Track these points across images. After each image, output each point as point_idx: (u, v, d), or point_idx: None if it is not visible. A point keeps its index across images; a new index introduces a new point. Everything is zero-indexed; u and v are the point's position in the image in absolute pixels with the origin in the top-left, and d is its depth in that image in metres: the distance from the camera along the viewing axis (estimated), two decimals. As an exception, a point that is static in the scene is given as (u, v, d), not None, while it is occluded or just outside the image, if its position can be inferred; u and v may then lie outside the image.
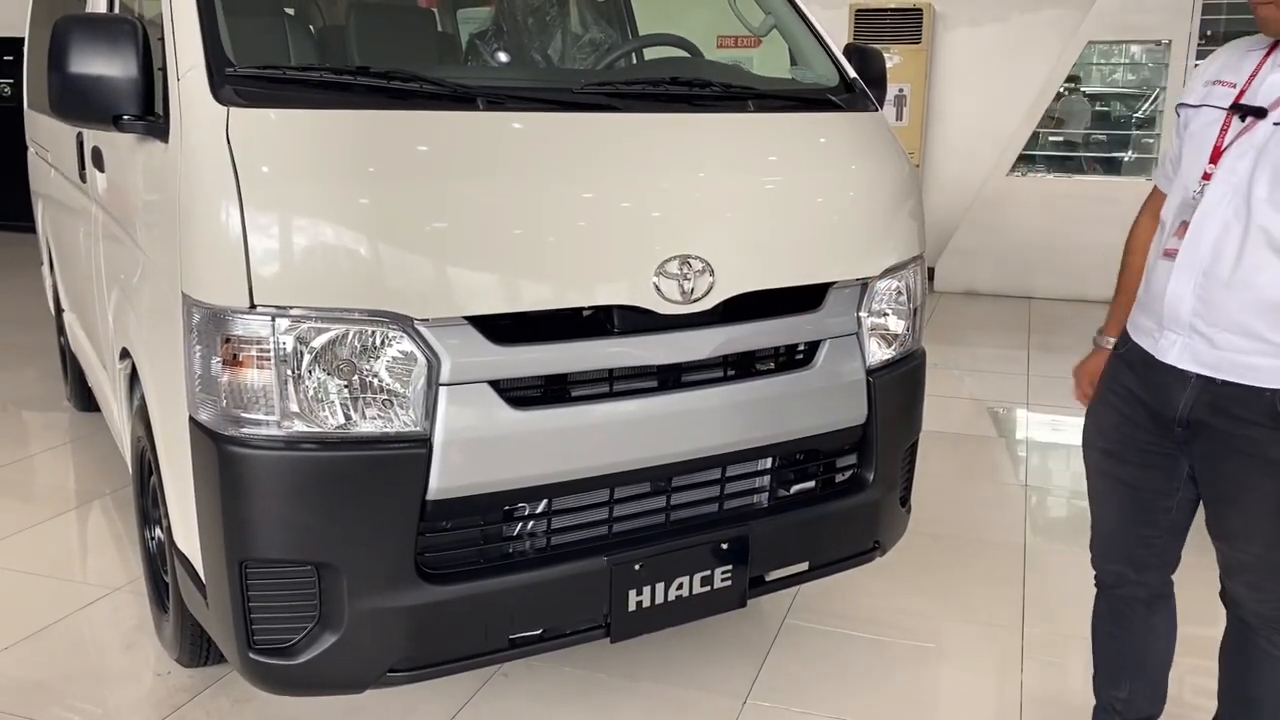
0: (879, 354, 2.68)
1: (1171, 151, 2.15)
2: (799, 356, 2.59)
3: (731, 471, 2.55)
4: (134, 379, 2.79)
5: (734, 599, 2.55)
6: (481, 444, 2.16)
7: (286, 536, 2.10)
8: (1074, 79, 8.72)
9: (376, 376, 2.08)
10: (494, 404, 2.16)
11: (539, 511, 2.34)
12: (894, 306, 2.70)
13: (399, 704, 2.73)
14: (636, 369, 2.34)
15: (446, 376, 2.11)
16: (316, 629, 2.15)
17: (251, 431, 2.07)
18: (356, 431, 2.09)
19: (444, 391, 2.11)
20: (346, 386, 2.07)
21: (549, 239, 2.22)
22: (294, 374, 2.04)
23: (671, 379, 2.39)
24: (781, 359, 2.58)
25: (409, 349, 2.08)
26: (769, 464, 2.61)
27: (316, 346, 2.05)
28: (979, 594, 3.46)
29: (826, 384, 2.57)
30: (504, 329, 2.17)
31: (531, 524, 2.35)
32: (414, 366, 2.09)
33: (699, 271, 2.31)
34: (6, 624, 3.12)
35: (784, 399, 2.52)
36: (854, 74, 2.90)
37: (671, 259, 2.29)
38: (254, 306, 2.02)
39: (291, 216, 2.03)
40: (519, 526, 2.35)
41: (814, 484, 2.71)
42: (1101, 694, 2.45)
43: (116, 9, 3.12)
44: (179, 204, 2.15)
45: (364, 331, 2.07)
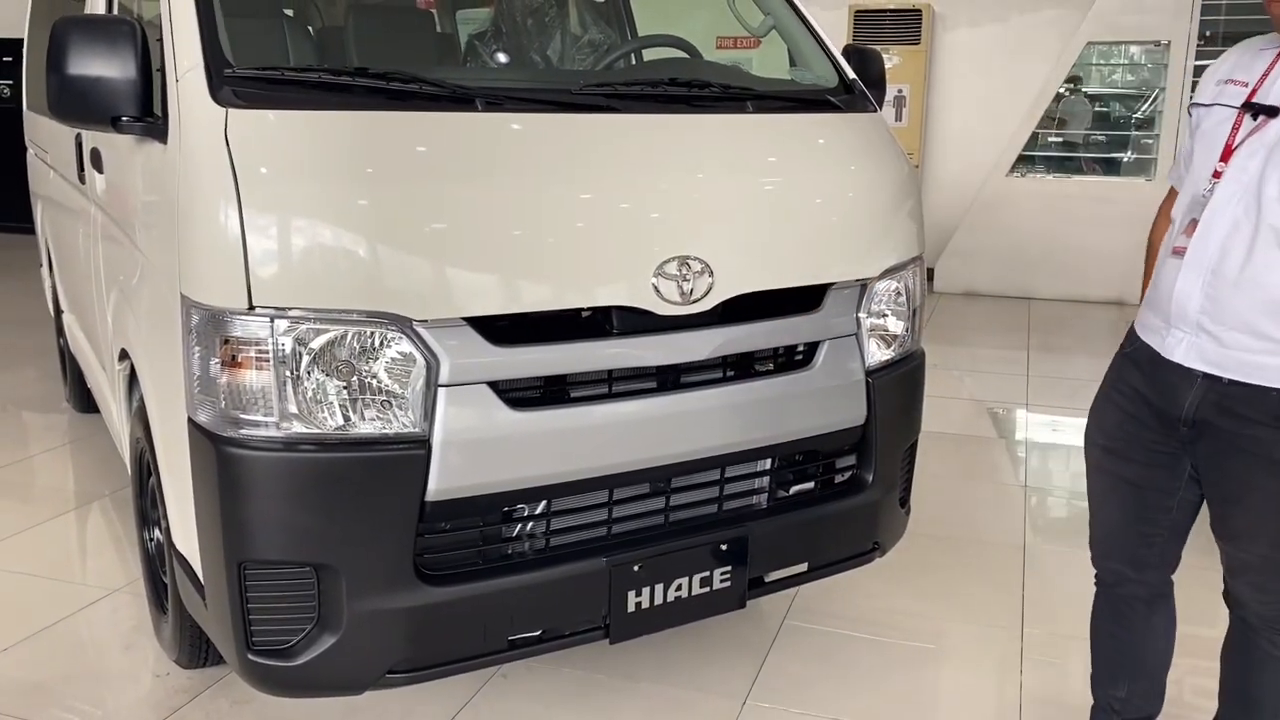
0: (878, 355, 2.68)
1: (1183, 150, 2.15)
2: (798, 357, 2.59)
3: (731, 472, 2.55)
4: (133, 380, 2.79)
5: (733, 600, 2.54)
6: (480, 445, 2.16)
7: (285, 538, 2.09)
8: (1075, 79, 8.73)
9: (375, 377, 2.08)
10: (493, 405, 2.16)
11: (538, 512, 2.34)
12: (893, 307, 2.70)
13: (398, 705, 2.72)
14: (635, 370, 2.34)
15: (445, 377, 2.11)
16: (315, 630, 2.15)
17: (250, 433, 2.07)
18: (355, 433, 2.09)
19: (443, 392, 2.11)
20: (345, 388, 2.07)
21: (548, 240, 2.22)
22: (293, 375, 2.04)
23: (670, 380, 2.39)
24: (780, 360, 2.58)
25: (408, 350, 2.08)
26: (768, 465, 2.61)
27: (315, 347, 2.04)
28: (978, 595, 3.46)
29: (826, 385, 2.57)
30: (503, 330, 2.17)
31: (530, 525, 2.35)
32: (413, 367, 2.09)
33: (698, 272, 2.31)
34: (5, 625, 3.12)
35: (783, 400, 2.52)
36: (853, 75, 2.91)
37: (670, 260, 2.29)
38: (253, 307, 2.02)
39: (290, 217, 2.03)
40: (518, 528, 2.34)
41: (813, 485, 2.71)
42: (1100, 693, 2.45)
43: (115, 10, 3.12)
44: (177, 205, 2.15)
45: (363, 332, 2.06)
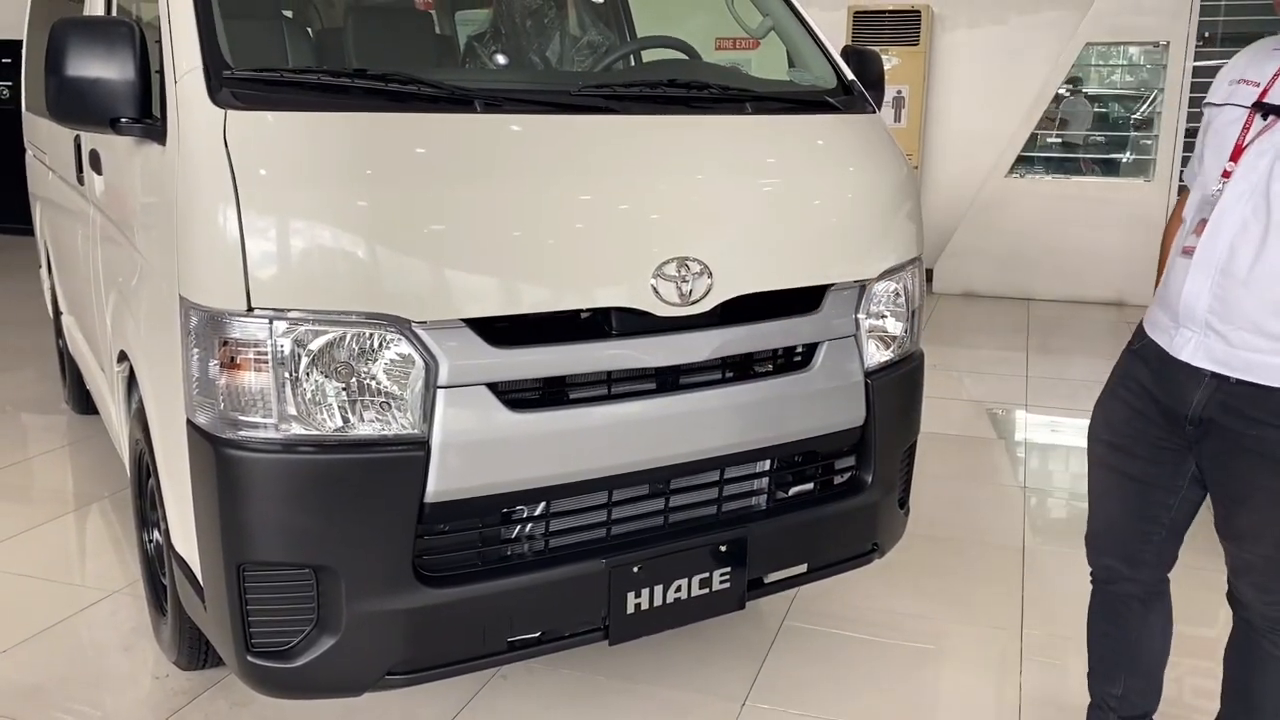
0: (877, 356, 2.68)
1: (1198, 151, 2.15)
2: (797, 358, 2.58)
3: (730, 474, 2.55)
4: (132, 382, 2.79)
5: (732, 601, 2.54)
6: (479, 446, 2.15)
7: (284, 539, 2.09)
8: (1076, 80, 8.73)
9: (374, 379, 2.08)
10: (492, 406, 2.16)
11: (537, 514, 2.34)
12: (892, 308, 2.70)
13: (397, 707, 2.72)
14: (635, 371, 2.34)
15: (444, 379, 2.11)
16: (314, 632, 2.15)
17: (249, 434, 2.06)
18: (354, 434, 2.09)
19: (442, 394, 2.11)
20: (344, 389, 2.07)
21: (547, 241, 2.21)
22: (292, 377, 2.04)
23: (670, 381, 2.39)
24: (780, 361, 2.58)
25: (407, 351, 2.08)
26: (767, 466, 2.61)
27: (314, 349, 2.04)
28: (978, 596, 3.46)
29: (825, 386, 2.57)
30: (502, 331, 2.17)
31: (530, 526, 2.35)
32: (412, 369, 2.09)
33: (697, 274, 2.31)
34: (5, 627, 3.11)
35: (782, 401, 2.52)
36: (852, 76, 2.91)
37: (669, 261, 2.29)
38: (251, 309, 2.02)
39: (289, 219, 2.03)
40: (517, 529, 2.34)
41: (812, 486, 2.71)
42: (1096, 690, 2.45)
43: (114, 12, 3.12)
44: (176, 206, 2.15)
45: (362, 334, 2.06)
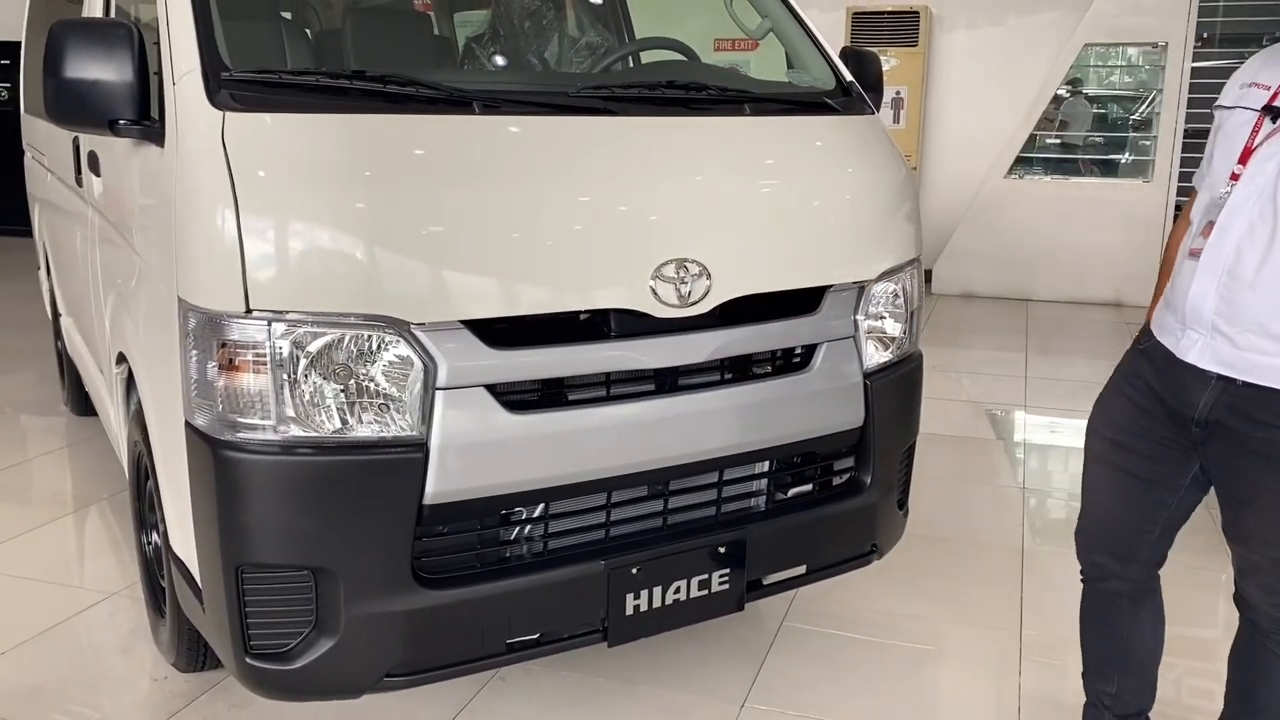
0: (876, 357, 2.68)
1: (1208, 155, 2.15)
2: (796, 360, 2.58)
3: (729, 475, 2.55)
4: (130, 383, 2.79)
5: (731, 602, 2.54)
6: (478, 448, 2.15)
7: (283, 541, 2.09)
8: (1076, 81, 8.74)
9: (373, 381, 2.08)
10: (490, 408, 2.16)
11: (536, 515, 2.34)
12: (891, 309, 2.70)
13: (396, 709, 2.72)
14: (633, 373, 2.34)
15: (443, 381, 2.10)
16: (313, 634, 2.15)
17: (247, 436, 2.06)
18: (353, 436, 2.09)
19: (440, 396, 2.11)
20: (343, 391, 2.07)
21: (545, 242, 2.21)
22: (290, 378, 2.04)
23: (669, 382, 2.39)
24: (778, 362, 2.58)
25: (405, 353, 2.08)
26: (766, 467, 2.61)
27: (312, 351, 2.04)
28: (977, 596, 3.46)
29: (824, 387, 2.57)
30: (500, 333, 2.16)
31: (528, 528, 2.35)
32: (410, 371, 2.09)
33: (696, 275, 2.31)
34: (3, 629, 3.11)
35: (781, 402, 2.51)
36: (850, 77, 2.91)
37: (668, 262, 2.29)
38: (250, 311, 2.01)
39: (287, 221, 2.03)
40: (516, 531, 2.34)
41: (811, 487, 2.71)
42: (1091, 688, 2.46)
43: (113, 13, 3.12)
44: (175, 208, 2.15)
45: (360, 336, 2.06)
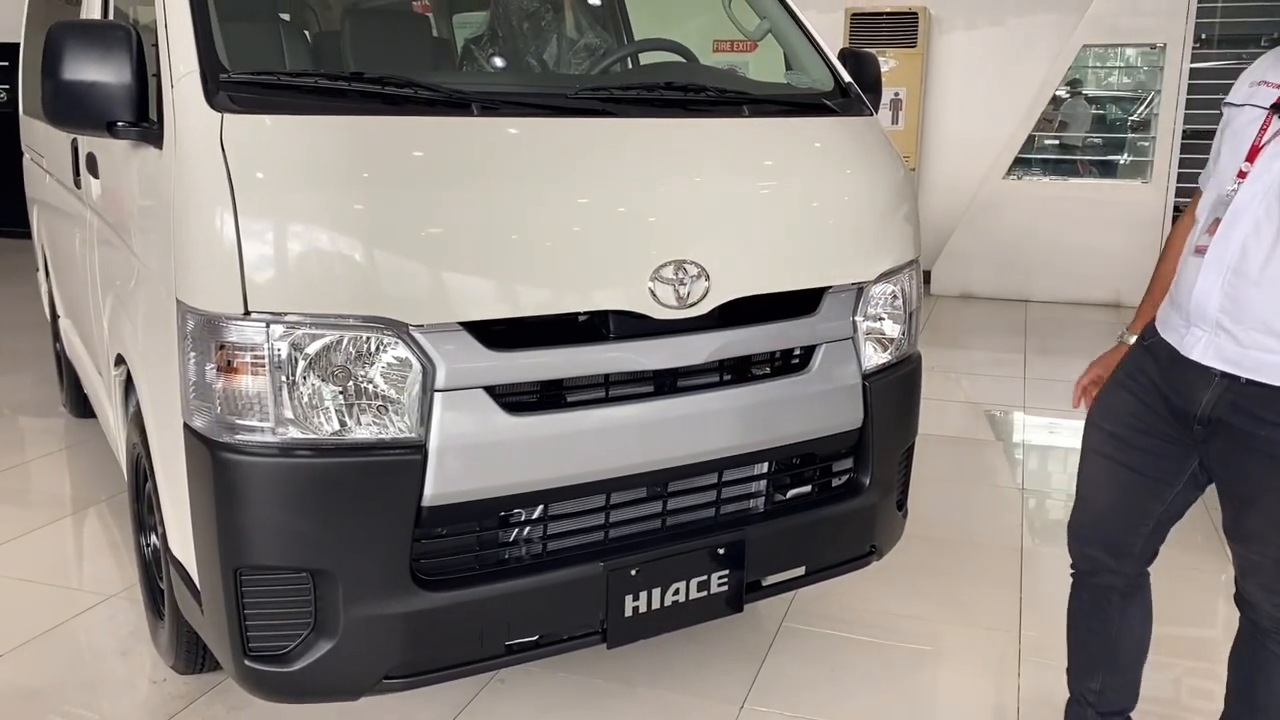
0: (875, 358, 2.68)
1: (1214, 153, 2.15)
2: (795, 361, 2.59)
3: (728, 476, 2.55)
4: (129, 385, 2.79)
5: (731, 604, 2.54)
6: (477, 450, 2.15)
7: (281, 543, 2.09)
8: (1074, 82, 8.75)
9: (371, 383, 2.08)
10: (489, 410, 2.16)
11: (535, 517, 2.34)
12: (889, 311, 2.70)
13: (395, 711, 2.72)
14: (632, 374, 2.34)
15: (441, 382, 2.10)
16: (311, 636, 2.15)
17: (246, 438, 2.06)
18: (351, 438, 2.09)
19: (439, 397, 2.11)
20: (341, 393, 2.07)
21: (544, 244, 2.21)
22: (288, 380, 2.04)
23: (667, 384, 2.39)
24: (777, 364, 2.58)
25: (404, 355, 2.08)
26: (765, 469, 2.61)
27: (311, 353, 2.04)
28: (976, 597, 3.45)
29: (822, 388, 2.57)
30: (499, 334, 2.16)
31: (527, 530, 2.35)
32: (409, 372, 2.09)
33: (694, 276, 2.31)
34: (2, 631, 3.11)
35: (780, 404, 2.51)
36: (849, 78, 2.91)
37: (667, 264, 2.29)
38: (248, 313, 2.01)
39: (286, 223, 2.03)
40: (515, 532, 2.34)
41: (810, 489, 2.71)
42: (1075, 685, 2.46)
43: (111, 15, 3.12)
44: (173, 210, 2.15)
45: (359, 338, 2.06)
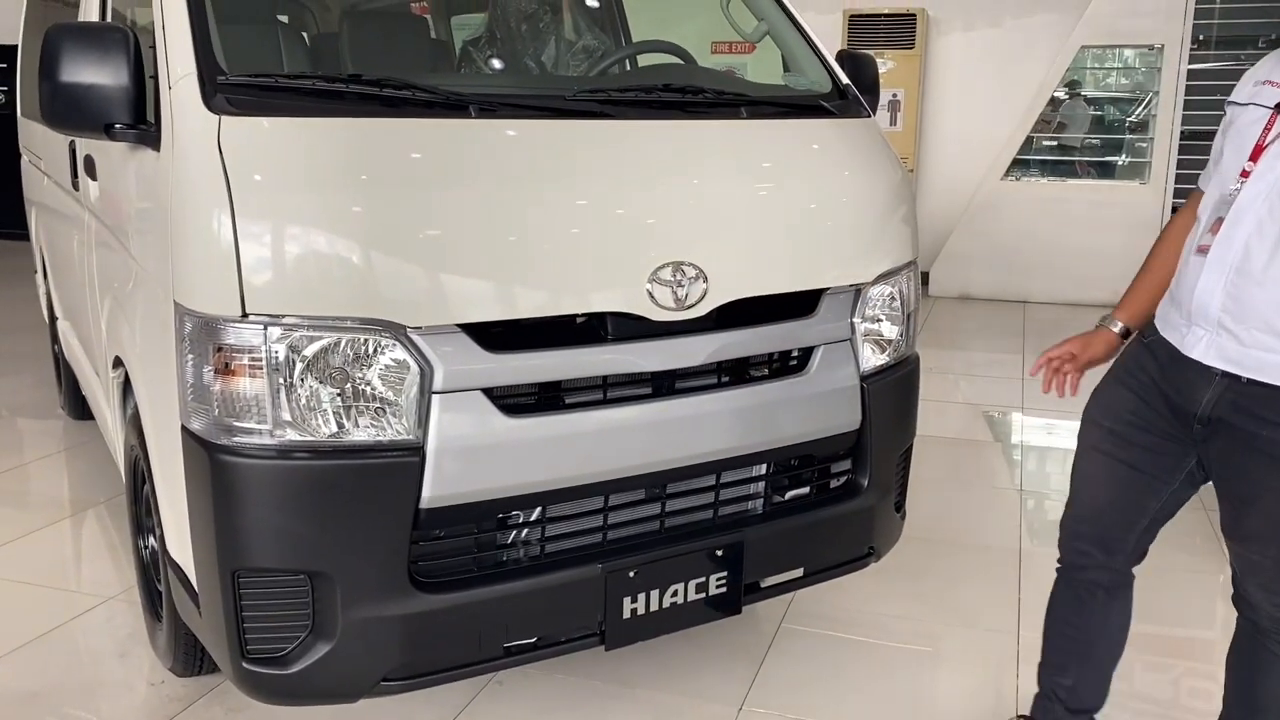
0: (873, 360, 2.68)
1: (1215, 151, 2.14)
2: (793, 362, 2.59)
3: (726, 478, 2.55)
4: (127, 387, 2.78)
5: (729, 605, 2.54)
6: (475, 452, 2.15)
7: (279, 546, 2.09)
8: (1073, 83, 8.76)
9: (369, 385, 2.08)
10: (487, 411, 2.16)
11: (533, 519, 2.34)
12: (887, 312, 2.70)
13: (393, 713, 2.72)
14: (630, 376, 2.34)
15: (439, 384, 2.10)
16: (310, 638, 2.15)
17: (244, 440, 2.06)
18: (349, 440, 2.08)
19: (437, 399, 2.11)
20: (339, 395, 2.07)
21: (542, 246, 2.21)
22: (286, 382, 2.04)
23: (666, 386, 2.39)
24: (775, 365, 2.58)
25: (401, 357, 2.08)
26: (763, 470, 2.60)
27: (309, 355, 2.04)
28: (974, 598, 3.45)
29: (820, 390, 2.57)
30: (497, 336, 2.16)
31: (525, 531, 2.35)
32: (407, 374, 2.09)
33: (692, 278, 2.31)
34: (0, 634, 3.11)
35: (778, 405, 2.51)
36: (846, 80, 2.91)
37: (665, 265, 2.29)
38: (246, 315, 2.01)
39: (283, 225, 2.03)
40: (513, 534, 2.34)
41: (808, 490, 2.71)
42: (1046, 680, 2.46)
43: (109, 17, 3.12)
44: (171, 212, 2.14)
45: (356, 339, 2.06)
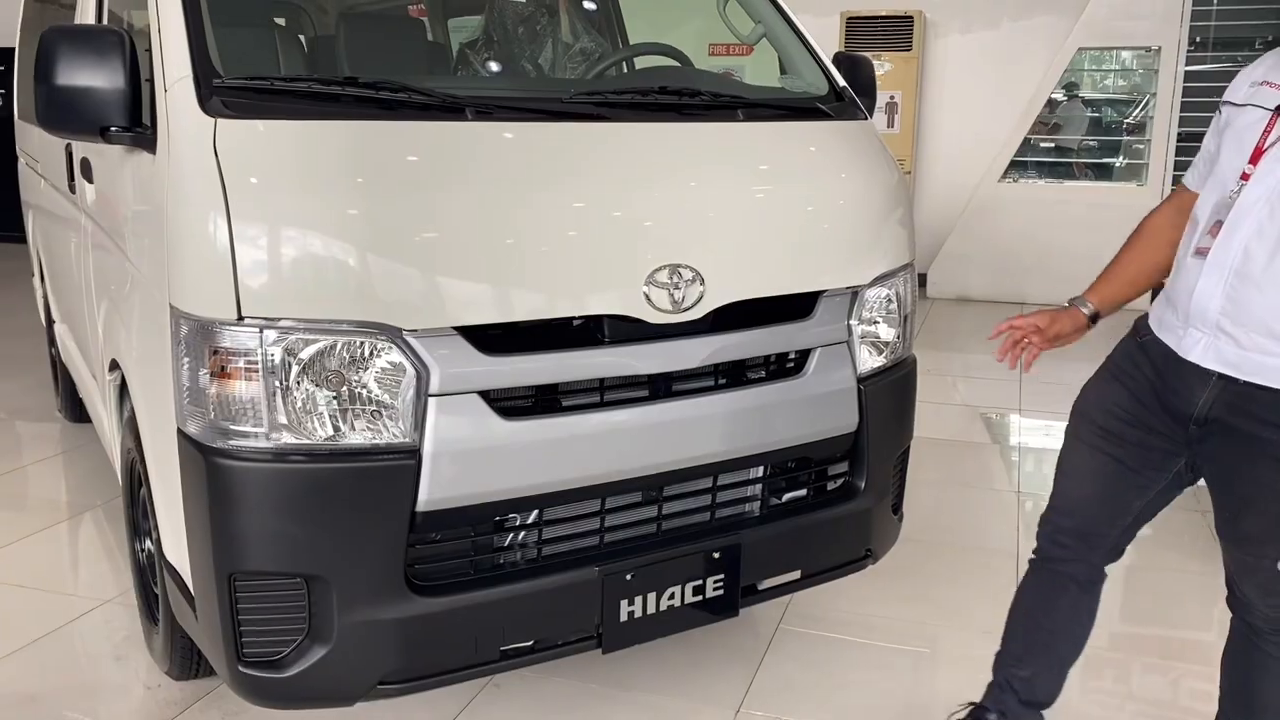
0: (870, 362, 2.68)
1: (1206, 150, 2.14)
2: (790, 365, 2.59)
3: (723, 480, 2.55)
4: (124, 390, 2.78)
5: (727, 608, 2.54)
6: (471, 455, 2.15)
7: (275, 549, 2.09)
8: (1070, 85, 8.76)
9: (365, 388, 2.08)
10: (484, 414, 2.15)
11: (530, 522, 2.33)
12: (884, 314, 2.70)
13: (390, 716, 2.71)
14: (627, 378, 2.34)
15: (436, 387, 2.10)
16: (306, 641, 2.14)
17: (240, 443, 2.06)
18: (345, 443, 2.08)
19: (433, 402, 2.10)
20: (335, 398, 2.07)
21: (539, 248, 2.21)
22: (282, 385, 2.03)
23: (662, 388, 2.39)
24: (772, 367, 2.58)
25: (398, 360, 2.08)
26: (760, 473, 2.60)
27: (305, 358, 2.04)
28: (972, 600, 3.45)
29: (817, 392, 2.57)
30: (493, 339, 2.16)
31: (522, 534, 2.34)
32: (403, 377, 2.08)
33: (689, 280, 2.31)
34: (-4, 637, 3.11)
35: (775, 407, 2.51)
36: (843, 82, 2.91)
37: (662, 268, 2.28)
38: (242, 318, 2.01)
39: (279, 228, 2.03)
40: (509, 537, 2.34)
41: (805, 492, 2.71)
42: (1003, 671, 2.45)
43: (105, 19, 3.11)
44: (166, 215, 2.14)
45: (352, 342, 2.06)
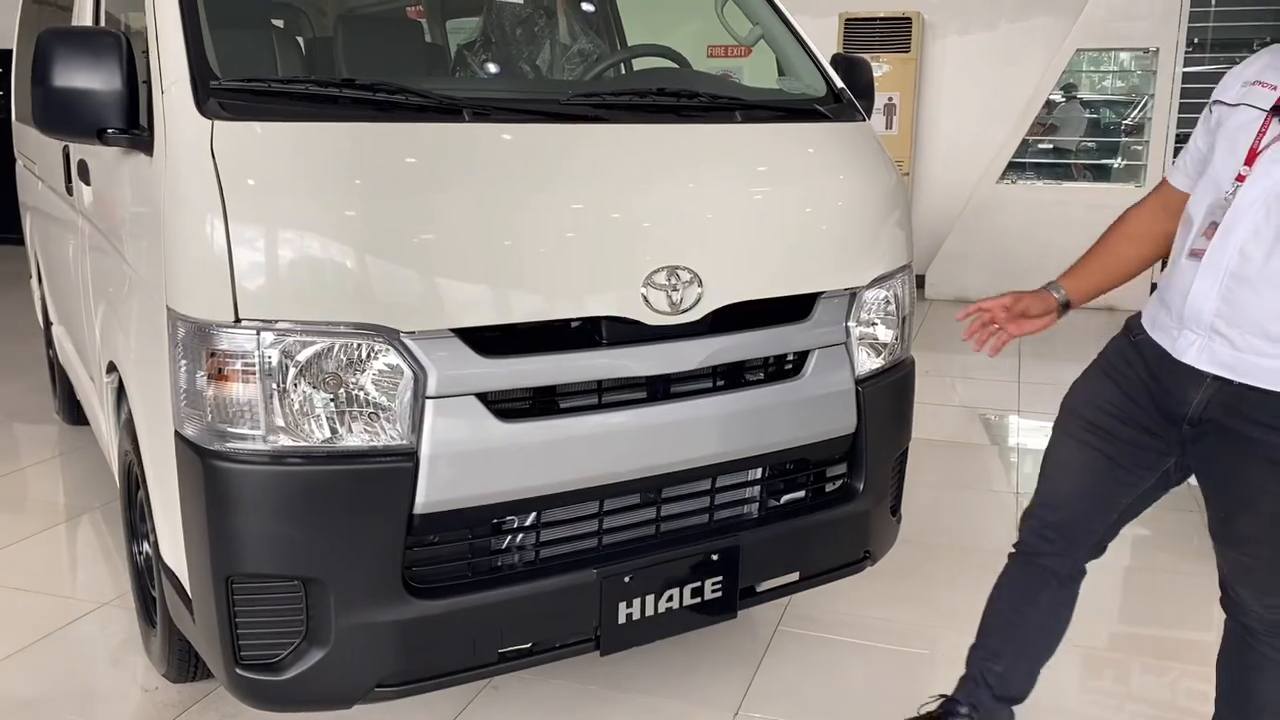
0: (868, 363, 2.68)
1: (1195, 149, 2.12)
2: (788, 366, 2.58)
3: (721, 482, 2.54)
4: (121, 393, 2.78)
5: (725, 610, 2.54)
6: (469, 457, 2.15)
7: (272, 551, 2.08)
8: (1068, 86, 8.77)
9: (362, 390, 2.07)
10: (481, 416, 2.15)
11: (528, 524, 2.33)
12: (882, 316, 2.70)
13: (388, 719, 2.71)
14: (625, 380, 2.34)
15: (433, 389, 2.10)
16: (303, 644, 2.14)
17: (237, 446, 2.06)
18: (342, 445, 2.08)
19: (430, 404, 2.10)
20: (332, 400, 2.06)
21: (536, 250, 2.21)
22: (279, 388, 2.03)
23: (660, 390, 2.38)
24: (770, 369, 2.58)
25: (395, 362, 2.07)
26: (758, 474, 2.60)
27: (302, 360, 2.03)
28: (971, 601, 3.42)
29: (815, 394, 2.57)
30: (491, 341, 2.16)
31: (520, 537, 2.34)
32: (400, 379, 2.08)
33: (687, 282, 2.31)
34: (-6, 640, 3.10)
35: (773, 409, 2.51)
36: (841, 84, 2.91)
37: (659, 270, 2.28)
38: (239, 320, 2.01)
39: (277, 230, 2.02)
40: (507, 539, 2.33)
41: (804, 494, 2.70)
42: (977, 664, 2.45)
43: (102, 21, 3.11)
44: (163, 217, 2.14)
45: (350, 345, 2.05)
